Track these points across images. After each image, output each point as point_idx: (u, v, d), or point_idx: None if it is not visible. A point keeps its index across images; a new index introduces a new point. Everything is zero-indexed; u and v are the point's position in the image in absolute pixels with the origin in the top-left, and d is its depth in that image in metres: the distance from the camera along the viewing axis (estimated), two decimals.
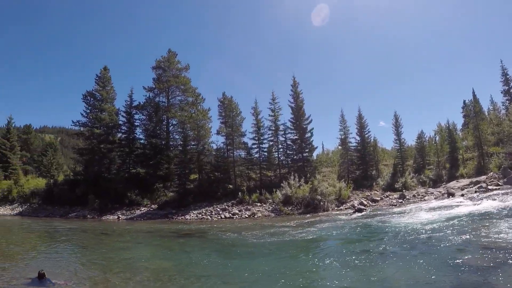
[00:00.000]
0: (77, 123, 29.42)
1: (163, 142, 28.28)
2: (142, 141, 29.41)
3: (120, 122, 29.53)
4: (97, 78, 29.61)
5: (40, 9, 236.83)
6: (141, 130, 29.90)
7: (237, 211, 21.10)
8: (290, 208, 20.61)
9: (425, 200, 19.88)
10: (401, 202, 20.13)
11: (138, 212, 23.09)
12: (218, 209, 21.74)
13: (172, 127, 29.53)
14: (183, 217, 21.22)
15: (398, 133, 29.04)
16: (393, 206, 19.17)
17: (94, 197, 24.76)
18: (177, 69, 29.62)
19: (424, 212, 15.04)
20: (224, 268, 8.23)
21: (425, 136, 29.50)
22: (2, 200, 29.00)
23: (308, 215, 18.70)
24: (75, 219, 23.11)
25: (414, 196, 21.42)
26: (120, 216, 22.80)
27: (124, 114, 29.62)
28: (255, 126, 27.06)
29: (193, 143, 27.04)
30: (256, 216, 20.11)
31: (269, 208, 21.35)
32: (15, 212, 26.49)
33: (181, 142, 27.75)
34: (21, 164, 40.69)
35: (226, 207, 22.08)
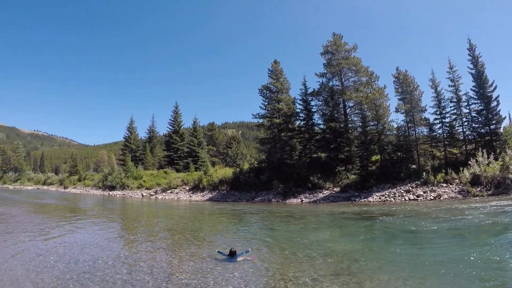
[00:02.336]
0: (257, 116, 41.74)
1: (341, 125, 36.66)
2: (321, 126, 39.38)
3: (298, 110, 40.39)
4: (269, 72, 41.22)
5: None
6: (318, 116, 39.67)
7: (421, 193, 25.52)
8: (478, 189, 23.89)
9: None
10: None
11: (320, 195, 30.29)
12: (402, 191, 26.74)
13: (349, 109, 38.13)
14: (365, 199, 26.92)
15: None
16: None
17: (278, 182, 33.73)
18: (345, 51, 37.73)
19: None
20: (406, 254, 9.79)
21: None
22: (194, 188, 42.52)
23: (498, 197, 21.47)
24: (261, 203, 30.97)
25: None
26: (303, 199, 30.13)
27: (300, 102, 40.41)
28: (435, 99, 32.15)
29: (372, 124, 34.37)
30: (441, 198, 23.98)
31: (455, 189, 25.19)
32: (205, 198, 37.58)
33: (360, 124, 35.53)
34: (209, 157, 56.01)
35: (410, 188, 26.90)
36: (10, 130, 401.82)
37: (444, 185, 26.04)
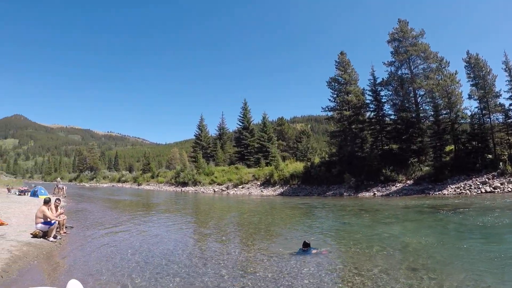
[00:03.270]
0: (326, 108, 44.36)
1: (413, 115, 37.92)
2: (391, 117, 41.01)
3: (367, 101, 42.24)
4: (336, 64, 43.44)
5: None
6: (389, 106, 41.25)
7: (498, 184, 26.36)
8: None
9: None
10: None
11: (393, 188, 31.91)
12: (478, 183, 27.64)
13: (420, 98, 39.27)
14: (440, 192, 28.19)
15: None
16: None
17: (350, 175, 35.93)
18: (412, 37, 38.96)
19: None
20: (481, 250, 9.71)
21: None
22: (265, 183, 45.72)
23: None
24: (332, 197, 32.97)
25: None
26: (375, 192, 32.00)
27: (369, 93, 42.23)
28: (510, 83, 31.72)
29: (444, 112, 34.95)
30: None
31: None
32: (276, 192, 40.72)
33: (432, 113, 36.31)
34: (279, 151, 58.87)
35: (486, 179, 27.73)
36: (85, 132, 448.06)
37: None
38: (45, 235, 11.57)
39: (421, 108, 38.30)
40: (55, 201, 13.22)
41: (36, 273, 8.38)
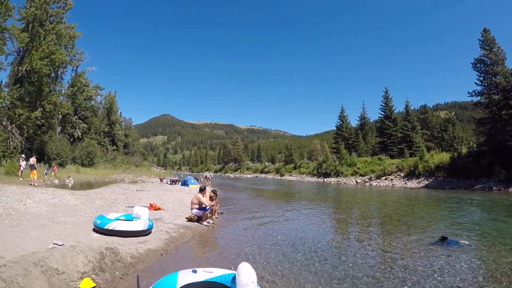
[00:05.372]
0: (473, 93, 43.48)
1: None
2: None
3: None
4: (480, 43, 42.69)
5: None
6: None
7: None
8: None
9: None
10: None
11: None
12: None
13: None
14: None
15: None
16: None
17: (500, 167, 34.98)
18: None
19: None
20: None
21: None
22: (409, 175, 46.45)
23: None
24: (480, 191, 32.55)
25: None
26: None
27: None
28: None
29: None
30: None
31: None
32: (421, 185, 41.58)
33: None
34: (423, 141, 58.82)
35: None
36: (228, 127, 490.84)
37: None
38: (199, 219, 12.89)
39: None
40: (211, 191, 14.48)
41: (193, 253, 9.43)
